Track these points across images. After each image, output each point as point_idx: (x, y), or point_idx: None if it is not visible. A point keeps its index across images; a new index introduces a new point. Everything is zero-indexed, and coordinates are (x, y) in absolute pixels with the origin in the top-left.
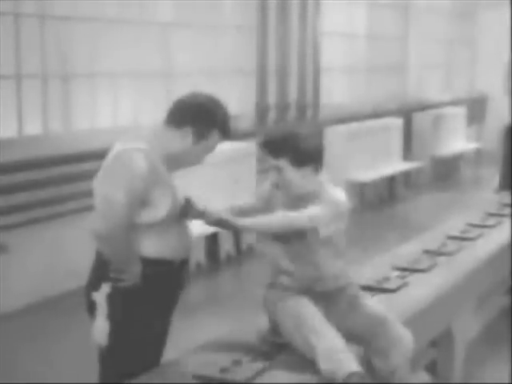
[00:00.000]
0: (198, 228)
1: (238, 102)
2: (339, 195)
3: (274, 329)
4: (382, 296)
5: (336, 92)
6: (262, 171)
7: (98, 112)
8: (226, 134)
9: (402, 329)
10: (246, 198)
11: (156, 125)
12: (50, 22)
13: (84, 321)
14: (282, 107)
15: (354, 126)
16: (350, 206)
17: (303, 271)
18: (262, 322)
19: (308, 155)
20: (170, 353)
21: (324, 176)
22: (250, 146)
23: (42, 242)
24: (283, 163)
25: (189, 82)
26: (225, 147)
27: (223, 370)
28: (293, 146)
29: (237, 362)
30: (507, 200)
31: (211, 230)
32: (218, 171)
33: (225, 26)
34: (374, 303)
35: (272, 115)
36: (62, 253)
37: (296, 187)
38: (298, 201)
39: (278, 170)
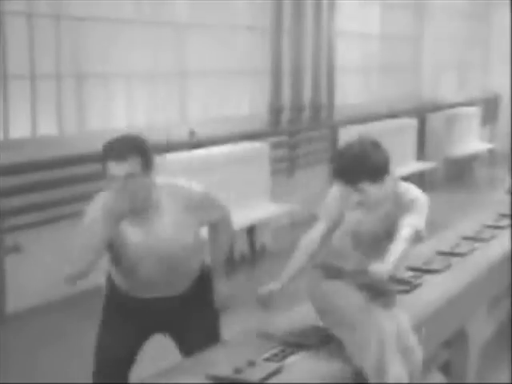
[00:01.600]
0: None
1: (251, 102)
2: (416, 191)
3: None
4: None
5: (350, 92)
6: (276, 172)
7: (113, 112)
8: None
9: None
10: (259, 199)
11: None
12: (64, 23)
13: (97, 320)
14: (296, 108)
15: (369, 126)
16: None
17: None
18: (278, 322)
19: (382, 168)
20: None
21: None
22: (263, 147)
23: (55, 242)
24: (363, 186)
25: (203, 83)
26: (238, 148)
27: (237, 371)
28: (366, 167)
29: (251, 363)
30: None
31: None
32: (232, 172)
33: (239, 27)
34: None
35: (286, 116)
36: None
37: (379, 199)
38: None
39: (360, 191)
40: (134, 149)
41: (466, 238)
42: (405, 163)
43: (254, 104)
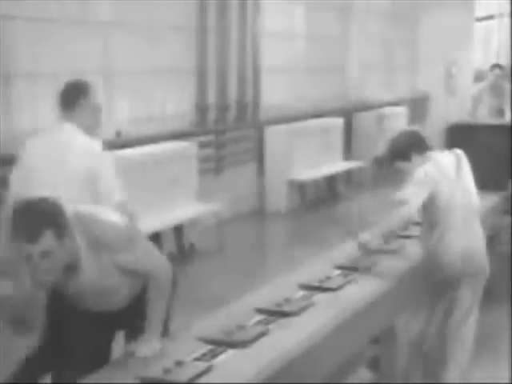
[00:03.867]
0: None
1: (177, 102)
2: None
3: None
4: (325, 295)
5: (276, 92)
6: (202, 171)
7: (40, 112)
8: None
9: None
10: (186, 198)
11: None
12: None
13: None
14: (222, 107)
15: (295, 125)
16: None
17: None
18: (207, 322)
19: (400, 151)
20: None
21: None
22: (190, 146)
23: None
24: (398, 164)
25: (129, 82)
26: (164, 147)
27: (166, 371)
28: (391, 149)
29: (179, 363)
30: None
31: (152, 229)
32: (159, 171)
33: (165, 26)
34: None
35: (212, 115)
36: None
37: (408, 173)
38: None
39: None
40: (46, 223)
41: (398, 236)
42: (331, 162)
43: (181, 103)
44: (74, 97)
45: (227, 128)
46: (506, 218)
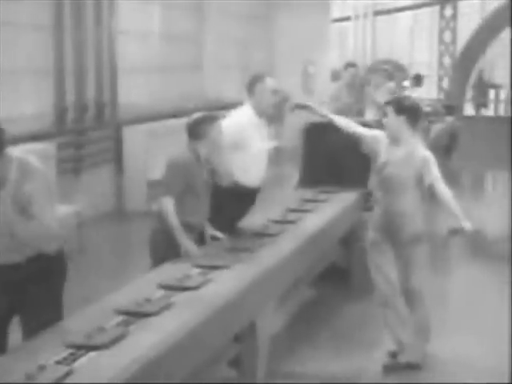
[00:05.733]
0: None
1: (35, 102)
2: None
3: None
4: (185, 294)
5: (134, 91)
6: (62, 172)
7: None
8: None
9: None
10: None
11: None
12: None
13: None
14: (80, 107)
15: (153, 125)
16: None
17: None
18: (67, 324)
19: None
20: None
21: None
22: (48, 147)
23: None
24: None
25: None
26: (23, 149)
27: (29, 377)
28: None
29: (42, 367)
30: (308, 196)
31: None
32: None
33: (20, 25)
34: None
35: (70, 115)
36: None
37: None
38: None
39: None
40: None
41: (254, 234)
42: None
43: (39, 104)
44: (251, 84)
45: (86, 128)
46: (364, 215)
